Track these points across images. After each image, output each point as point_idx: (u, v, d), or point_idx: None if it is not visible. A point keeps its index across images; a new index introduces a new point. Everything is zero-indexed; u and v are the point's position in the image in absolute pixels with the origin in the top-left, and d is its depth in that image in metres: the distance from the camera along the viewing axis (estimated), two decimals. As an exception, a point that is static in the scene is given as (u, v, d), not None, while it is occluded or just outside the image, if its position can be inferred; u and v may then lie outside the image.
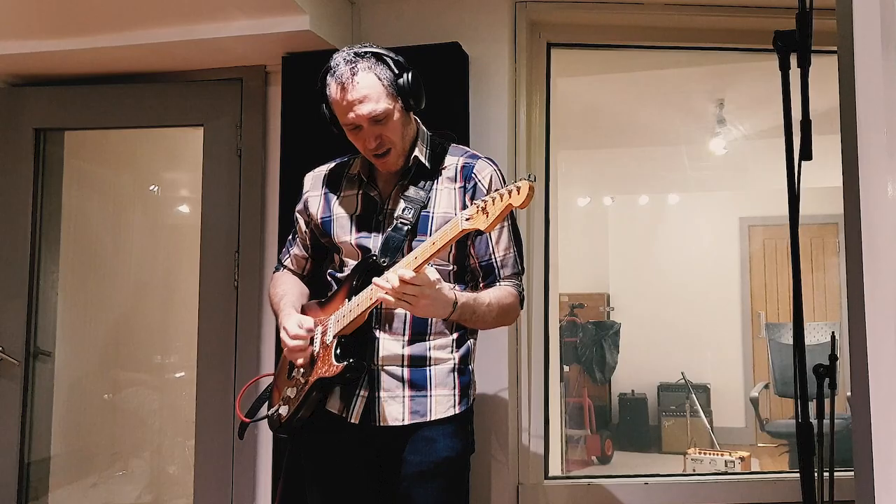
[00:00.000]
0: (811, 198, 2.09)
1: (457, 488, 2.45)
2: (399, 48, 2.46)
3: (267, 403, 2.59)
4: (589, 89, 5.44)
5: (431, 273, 2.15)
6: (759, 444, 7.26)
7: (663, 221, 8.33)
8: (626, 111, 6.07)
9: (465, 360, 2.44)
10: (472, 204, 2.03)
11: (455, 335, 2.42)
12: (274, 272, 2.73)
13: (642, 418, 7.83)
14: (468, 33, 3.47)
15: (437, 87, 2.62)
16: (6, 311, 3.70)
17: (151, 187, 4.46)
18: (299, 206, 2.62)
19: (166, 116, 3.74)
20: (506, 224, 2.41)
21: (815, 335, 6.48)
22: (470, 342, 2.47)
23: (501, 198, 1.94)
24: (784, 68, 1.87)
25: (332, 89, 2.30)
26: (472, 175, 2.39)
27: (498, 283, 2.42)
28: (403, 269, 2.10)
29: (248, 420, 2.60)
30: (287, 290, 2.59)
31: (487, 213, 1.97)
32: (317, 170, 2.62)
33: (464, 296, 2.28)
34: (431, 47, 3.29)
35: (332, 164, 2.60)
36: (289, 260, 2.69)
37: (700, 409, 7.44)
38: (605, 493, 3.72)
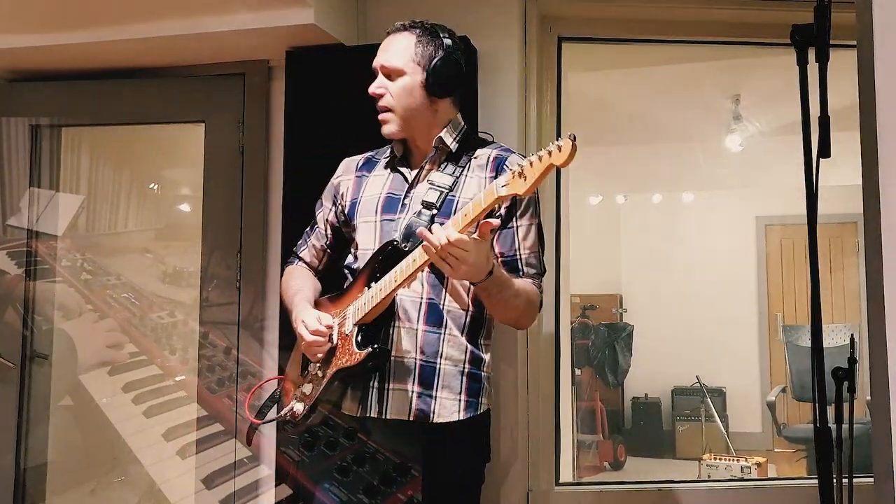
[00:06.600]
0: (830, 196, 2.07)
1: (469, 500, 2.43)
2: (406, 42, 2.44)
3: (277, 405, 2.53)
4: (601, 84, 5.42)
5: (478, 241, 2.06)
6: (776, 450, 7.27)
7: (677, 220, 8.31)
8: (640, 107, 6.04)
9: (477, 365, 2.39)
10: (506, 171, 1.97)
11: (465, 335, 2.37)
12: (288, 265, 2.70)
13: (656, 423, 7.85)
14: (477, 27, 3.40)
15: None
16: (2, 313, 3.68)
17: (151, 185, 4.43)
18: (326, 192, 2.62)
19: (166, 112, 3.72)
20: (533, 221, 2.38)
21: (834, 337, 6.43)
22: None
23: (541, 159, 1.84)
24: (802, 63, 1.88)
25: None
26: (505, 167, 2.33)
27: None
28: (452, 229, 2.02)
29: (257, 422, 2.53)
30: (302, 285, 2.55)
31: (525, 176, 1.87)
32: (354, 156, 2.63)
33: (499, 269, 2.22)
34: (439, 41, 3.23)
35: (369, 153, 2.61)
36: (305, 251, 2.65)
37: (715, 413, 7.45)
38: (617, 500, 3.73)
